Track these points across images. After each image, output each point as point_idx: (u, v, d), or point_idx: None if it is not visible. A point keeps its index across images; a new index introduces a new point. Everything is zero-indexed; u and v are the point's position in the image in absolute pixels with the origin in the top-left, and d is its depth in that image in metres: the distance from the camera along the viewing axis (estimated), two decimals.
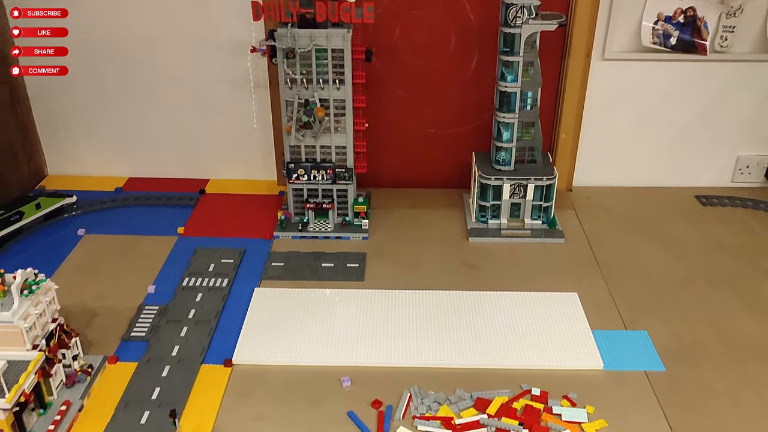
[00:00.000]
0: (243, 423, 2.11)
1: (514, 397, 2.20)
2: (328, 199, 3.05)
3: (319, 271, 2.82)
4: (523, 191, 3.03)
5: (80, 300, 2.63)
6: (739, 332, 2.49)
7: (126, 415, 2.12)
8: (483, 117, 3.28)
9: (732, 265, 2.87)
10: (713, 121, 3.34)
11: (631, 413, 2.15)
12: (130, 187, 3.47)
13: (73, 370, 2.23)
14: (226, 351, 2.38)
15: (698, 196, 3.38)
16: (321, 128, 2.88)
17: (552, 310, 2.58)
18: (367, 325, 2.50)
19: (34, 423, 2.06)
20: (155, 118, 3.41)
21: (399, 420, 2.12)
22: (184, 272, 2.80)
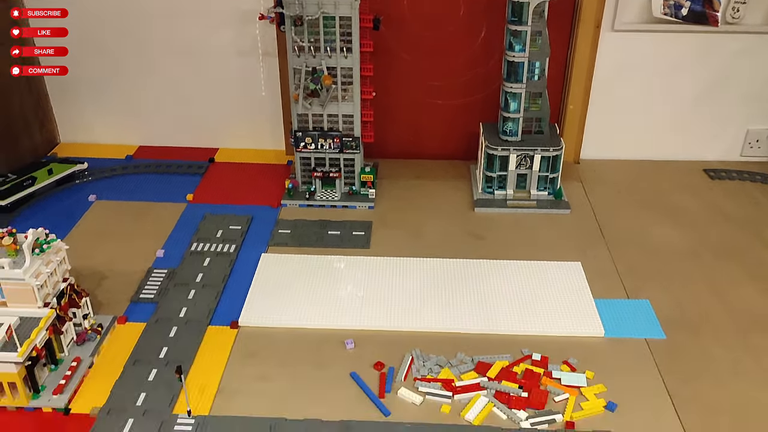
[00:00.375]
0: (248, 382, 2.16)
1: (514, 362, 2.23)
2: (335, 168, 3.08)
3: (325, 238, 2.86)
4: (530, 162, 3.04)
5: (91, 263, 2.68)
6: (742, 302, 2.50)
7: (134, 372, 2.18)
8: (491, 88, 3.28)
9: (737, 237, 2.88)
10: (723, 95, 3.32)
11: (631, 379, 2.17)
12: (140, 155, 3.51)
13: (84, 329, 2.28)
14: (233, 313, 2.43)
15: (706, 170, 3.37)
16: (328, 96, 2.89)
17: (555, 279, 2.60)
18: (372, 290, 2.53)
19: (45, 377, 2.12)
20: (165, 87, 3.44)
21: (401, 381, 2.16)
22: (192, 237, 2.84)
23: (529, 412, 2.05)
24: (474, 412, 2.04)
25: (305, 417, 2.02)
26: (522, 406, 2.06)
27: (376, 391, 2.12)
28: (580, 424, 2.01)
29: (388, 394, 2.11)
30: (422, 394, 2.10)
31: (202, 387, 2.13)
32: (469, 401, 2.08)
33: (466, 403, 2.08)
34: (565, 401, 2.09)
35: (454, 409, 2.06)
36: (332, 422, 2.00)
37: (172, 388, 2.11)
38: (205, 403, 2.07)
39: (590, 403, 2.08)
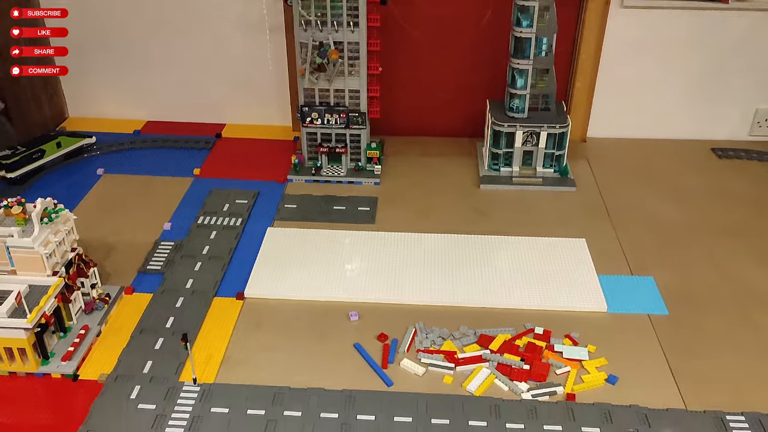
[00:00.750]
0: (253, 352, 2.19)
1: (517, 335, 2.25)
2: (341, 144, 3.08)
3: (330, 213, 2.87)
4: (536, 139, 3.03)
5: (99, 235, 2.71)
6: (746, 281, 2.50)
7: (141, 341, 2.21)
8: (498, 65, 3.26)
9: (743, 216, 2.87)
10: (732, 73, 3.29)
11: (632, 353, 2.19)
12: (148, 130, 3.52)
13: (92, 298, 2.31)
14: (239, 285, 2.45)
15: (714, 149, 3.35)
16: (335, 71, 2.89)
17: (559, 255, 2.60)
18: (376, 264, 2.55)
19: (54, 345, 2.16)
20: (173, 62, 3.45)
21: (403, 353, 2.18)
22: (199, 211, 2.86)
23: (530, 384, 2.07)
24: (476, 383, 2.06)
25: (309, 386, 2.05)
26: (523, 378, 2.08)
27: (379, 362, 2.14)
28: (581, 396, 2.03)
29: (390, 365, 2.14)
30: (425, 365, 2.13)
31: (207, 356, 2.16)
32: (471, 373, 2.10)
33: (468, 374, 2.10)
34: (567, 374, 2.11)
35: (456, 380, 2.08)
36: (335, 391, 2.03)
37: (179, 356, 2.14)
38: (211, 372, 2.11)
39: (591, 376, 2.09)
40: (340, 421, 1.94)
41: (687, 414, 1.96)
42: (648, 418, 1.94)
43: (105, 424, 1.92)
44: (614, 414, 1.96)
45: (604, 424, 1.93)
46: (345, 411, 1.97)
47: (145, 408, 1.97)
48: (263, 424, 1.93)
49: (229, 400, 2.00)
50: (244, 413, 1.96)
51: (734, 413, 1.96)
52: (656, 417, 1.95)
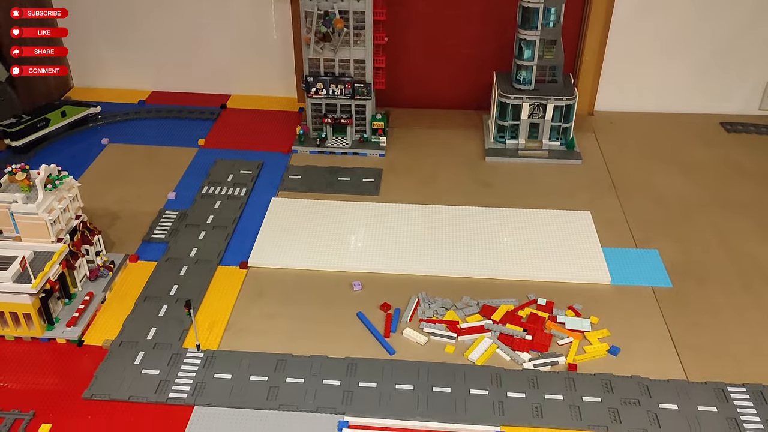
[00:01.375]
0: (256, 320, 2.20)
1: (519, 306, 2.25)
2: (346, 115, 3.07)
3: (335, 184, 2.87)
4: (542, 111, 3.00)
5: (103, 204, 2.71)
6: (751, 254, 2.49)
7: (145, 308, 2.22)
8: (506, 36, 3.22)
9: (750, 190, 2.85)
10: (743, 46, 3.24)
11: (635, 324, 2.19)
12: (153, 101, 3.51)
13: (96, 266, 2.33)
14: (242, 254, 2.46)
15: (723, 123, 3.31)
16: (340, 40, 2.86)
17: (564, 227, 2.59)
18: (380, 235, 2.55)
19: (59, 311, 2.18)
20: (178, 32, 3.42)
21: (406, 322, 2.19)
22: (203, 181, 2.86)
23: (532, 354, 2.07)
24: (477, 352, 2.07)
25: (311, 354, 2.06)
26: (525, 348, 2.09)
27: (381, 330, 2.15)
28: (583, 366, 2.03)
29: (393, 333, 2.14)
30: (427, 334, 2.14)
31: (211, 323, 2.18)
32: (473, 342, 2.11)
33: (470, 344, 2.11)
34: (569, 345, 2.11)
35: (458, 350, 2.09)
36: (338, 359, 2.04)
37: (182, 323, 2.16)
38: (214, 339, 2.12)
39: (593, 347, 2.10)
40: (342, 389, 1.95)
41: (688, 385, 1.97)
42: (649, 389, 1.95)
43: (109, 389, 1.94)
44: (615, 384, 1.96)
45: (604, 393, 1.94)
46: (347, 378, 1.98)
47: (149, 373, 1.99)
48: (266, 390, 1.94)
49: (232, 366, 2.02)
50: (246, 379, 1.98)
51: (735, 385, 1.96)
52: (657, 387, 1.95)
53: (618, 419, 1.87)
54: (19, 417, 1.85)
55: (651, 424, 1.85)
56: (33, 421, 1.85)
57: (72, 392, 1.93)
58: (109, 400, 1.91)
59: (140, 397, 1.92)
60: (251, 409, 1.90)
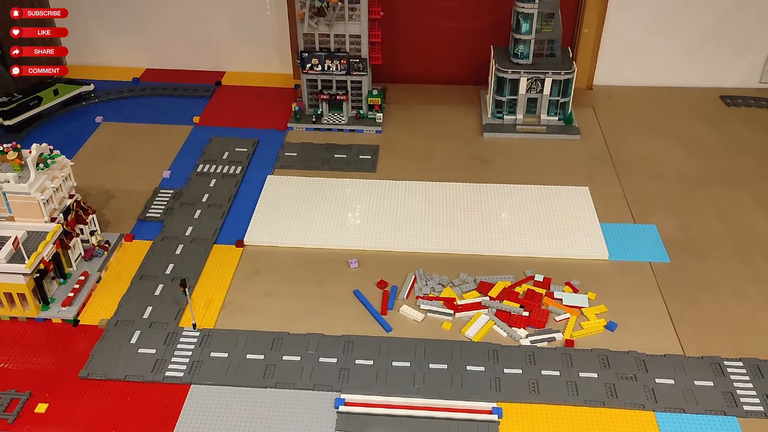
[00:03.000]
0: (253, 297, 2.20)
1: (517, 282, 2.24)
2: (342, 91, 3.03)
3: (331, 161, 2.84)
4: (541, 86, 2.97)
5: (98, 183, 2.69)
6: (749, 229, 2.48)
7: (141, 287, 2.22)
8: (503, 11, 3.17)
9: (749, 164, 2.82)
10: (743, 19, 3.19)
11: (632, 300, 2.18)
12: (147, 78, 3.47)
13: (91, 245, 2.31)
14: (238, 232, 2.45)
15: (723, 97, 3.28)
16: (335, 15, 2.82)
17: (561, 203, 2.58)
18: (377, 212, 2.53)
19: (54, 291, 2.17)
20: (172, 8, 3.37)
21: (403, 299, 2.18)
22: (198, 159, 2.84)
23: (529, 331, 2.07)
24: (474, 329, 2.07)
25: (308, 332, 2.06)
26: (522, 324, 2.08)
27: (378, 308, 2.15)
28: (580, 342, 2.03)
29: (390, 311, 2.14)
30: (424, 311, 2.13)
31: (207, 302, 2.17)
32: (469, 319, 2.11)
33: (467, 320, 2.11)
34: (566, 321, 2.11)
35: (455, 327, 2.09)
36: (335, 336, 2.04)
37: (178, 302, 2.15)
38: (211, 317, 2.12)
39: (590, 323, 2.09)
40: (338, 366, 1.95)
41: (685, 360, 1.97)
42: (645, 364, 1.95)
43: (106, 368, 1.94)
44: (612, 360, 1.96)
45: (601, 369, 1.93)
46: (344, 356, 1.98)
47: (146, 352, 1.99)
48: (262, 368, 1.94)
49: (228, 345, 2.01)
50: (243, 358, 1.97)
51: (732, 359, 1.96)
52: (654, 363, 1.95)
53: (615, 394, 1.87)
54: (15, 397, 1.85)
55: (647, 399, 1.85)
56: (29, 401, 1.85)
57: (68, 372, 1.93)
58: (105, 380, 1.91)
59: (136, 376, 1.92)
60: (248, 387, 1.90)
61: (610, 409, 1.84)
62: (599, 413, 1.83)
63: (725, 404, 1.84)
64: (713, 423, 1.80)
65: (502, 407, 1.84)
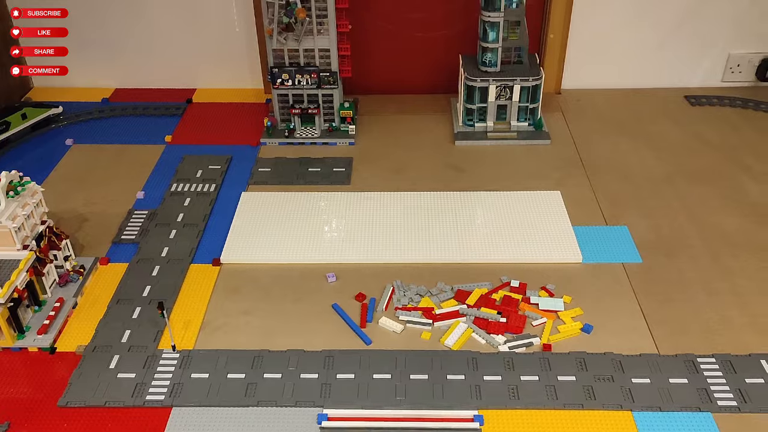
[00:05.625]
0: (231, 317, 2.19)
1: (493, 289, 2.27)
2: (313, 105, 3.04)
3: (305, 175, 2.85)
4: (509, 93, 3.01)
5: (70, 206, 2.67)
6: (718, 227, 2.53)
7: (118, 311, 2.20)
8: (470, 19, 3.21)
9: (715, 162, 2.89)
10: (705, 18, 3.26)
11: (607, 302, 2.22)
12: (116, 98, 3.45)
13: (65, 270, 2.30)
14: (215, 251, 2.44)
15: (687, 96, 3.35)
16: (303, 30, 2.83)
17: (534, 208, 2.61)
18: (353, 225, 2.55)
19: (29, 318, 2.15)
20: (140, 28, 3.36)
21: (382, 311, 2.19)
22: (172, 179, 2.83)
23: (507, 337, 2.09)
24: (453, 338, 2.09)
25: (288, 348, 2.06)
26: (500, 330, 2.11)
27: (357, 321, 2.16)
28: (557, 346, 2.06)
29: (369, 323, 2.15)
30: (403, 322, 2.15)
31: (186, 323, 2.16)
32: (448, 328, 2.13)
33: (445, 329, 2.12)
34: (543, 325, 2.14)
35: (434, 336, 2.10)
36: (315, 352, 2.05)
37: (157, 324, 2.14)
38: (190, 338, 2.11)
39: (567, 326, 2.12)
40: (320, 381, 1.96)
41: (659, 358, 2.01)
42: (621, 365, 1.98)
43: (85, 395, 1.92)
44: (589, 362, 1.99)
45: (579, 372, 1.97)
46: (325, 371, 1.98)
47: (125, 377, 1.98)
48: (243, 387, 1.94)
49: (208, 365, 2.01)
50: (224, 377, 1.97)
51: (705, 355, 2.01)
52: (629, 363, 1.99)
53: (593, 396, 1.90)
54: None
55: (625, 399, 1.89)
56: None
57: (47, 401, 1.91)
58: (85, 407, 1.89)
59: (117, 401, 1.90)
60: (230, 407, 1.89)
61: (588, 411, 1.87)
62: (578, 416, 1.86)
63: (700, 401, 1.88)
64: (689, 420, 1.84)
65: (483, 414, 1.86)
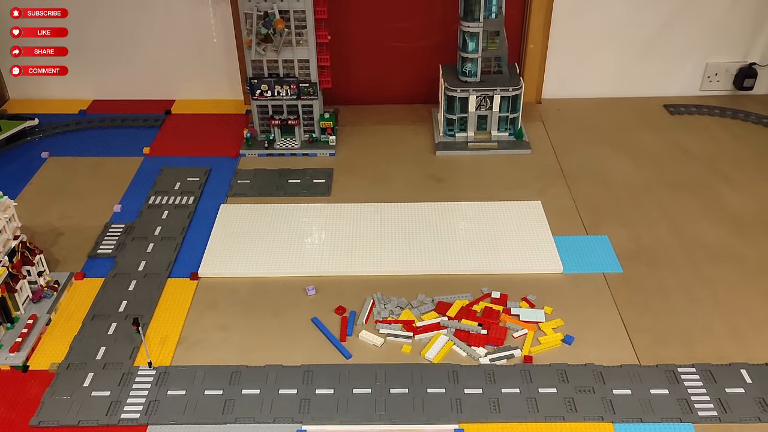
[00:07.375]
0: (209, 332, 2.16)
1: (474, 300, 2.26)
2: (293, 116, 3.03)
3: (285, 187, 2.83)
4: (490, 103, 3.01)
5: (45, 220, 2.63)
6: (698, 236, 2.54)
7: (93, 327, 2.16)
8: (450, 30, 3.21)
9: (694, 171, 2.90)
10: (683, 27, 3.29)
11: (588, 312, 2.21)
12: (94, 110, 3.41)
13: (39, 286, 2.25)
14: (192, 265, 2.41)
15: (666, 106, 3.37)
16: (282, 41, 2.82)
17: (515, 218, 2.61)
18: (333, 237, 2.53)
19: (2, 336, 2.10)
20: (117, 38, 3.33)
21: (362, 325, 2.17)
22: (150, 191, 2.79)
23: (488, 349, 2.08)
24: (434, 350, 2.07)
25: (266, 363, 2.03)
26: (481, 343, 2.09)
27: (337, 335, 2.13)
28: (538, 358, 2.05)
29: (349, 337, 2.13)
30: (383, 335, 2.12)
31: (163, 338, 2.13)
32: (429, 341, 2.11)
33: (426, 342, 2.11)
34: (524, 336, 2.12)
35: (415, 349, 2.08)
36: (294, 367, 2.02)
37: (133, 341, 2.10)
38: (167, 354, 2.07)
39: (548, 338, 2.11)
40: (299, 397, 1.93)
41: (640, 369, 2.00)
42: (603, 376, 1.97)
43: (58, 414, 1.88)
44: (570, 374, 1.98)
45: (560, 384, 1.95)
46: (304, 386, 1.96)
47: (100, 395, 1.94)
48: (221, 403, 1.91)
49: (185, 381, 1.98)
50: (201, 394, 1.94)
51: (685, 365, 2.00)
52: (610, 374, 1.98)
53: (574, 408, 1.89)
54: None
55: (606, 411, 1.88)
56: None
57: (18, 421, 1.87)
58: (58, 426, 1.85)
59: (91, 420, 1.86)
60: (207, 424, 1.86)
61: (570, 423, 1.86)
62: (560, 428, 1.85)
63: (681, 411, 1.87)
64: (670, 431, 1.83)
65: (463, 428, 1.84)
